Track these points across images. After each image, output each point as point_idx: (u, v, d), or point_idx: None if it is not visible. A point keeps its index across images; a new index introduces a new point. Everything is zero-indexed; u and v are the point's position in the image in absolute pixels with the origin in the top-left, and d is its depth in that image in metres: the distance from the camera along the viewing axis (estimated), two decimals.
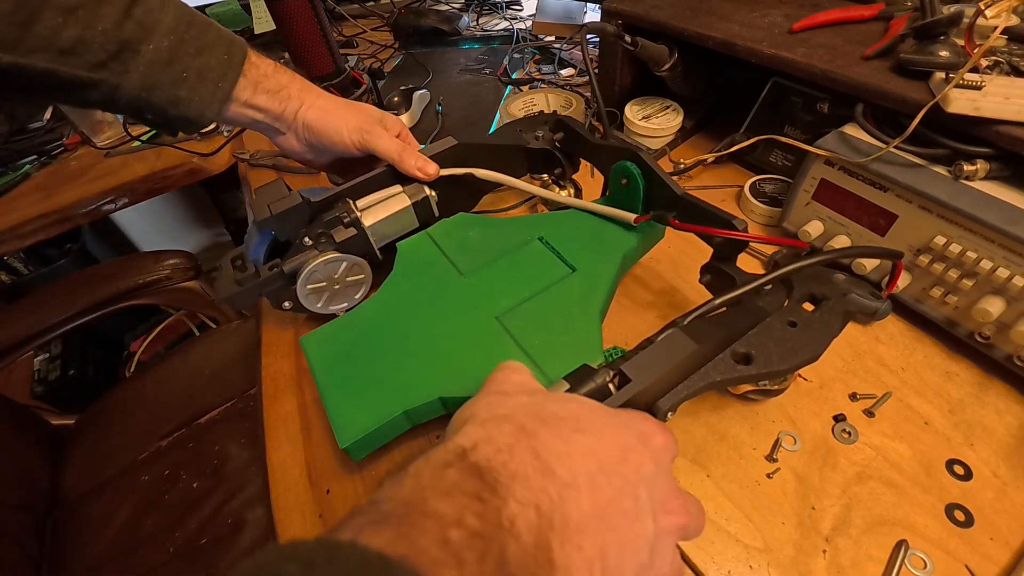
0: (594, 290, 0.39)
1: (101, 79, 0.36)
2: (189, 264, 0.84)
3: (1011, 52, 0.38)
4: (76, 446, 0.78)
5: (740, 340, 0.29)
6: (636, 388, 0.25)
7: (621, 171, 0.42)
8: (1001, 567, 0.29)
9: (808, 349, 0.28)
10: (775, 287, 0.32)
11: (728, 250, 0.36)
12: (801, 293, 0.32)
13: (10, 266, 1.28)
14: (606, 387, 0.26)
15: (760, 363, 0.28)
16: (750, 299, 0.32)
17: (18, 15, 0.32)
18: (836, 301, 0.31)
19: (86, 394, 1.16)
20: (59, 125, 1.02)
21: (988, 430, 0.35)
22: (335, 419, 0.34)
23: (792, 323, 0.29)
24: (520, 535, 0.15)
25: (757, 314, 0.31)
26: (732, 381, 0.28)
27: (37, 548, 0.65)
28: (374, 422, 0.34)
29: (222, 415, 0.78)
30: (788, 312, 0.30)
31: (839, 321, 0.30)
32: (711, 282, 0.38)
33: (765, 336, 0.29)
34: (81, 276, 0.83)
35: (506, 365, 0.25)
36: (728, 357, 0.28)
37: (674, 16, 0.52)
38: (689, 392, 0.26)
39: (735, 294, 0.30)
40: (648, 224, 0.42)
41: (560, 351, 0.36)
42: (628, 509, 0.18)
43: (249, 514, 0.66)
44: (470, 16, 1.10)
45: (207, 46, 0.39)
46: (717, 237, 0.35)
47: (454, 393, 0.34)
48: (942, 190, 0.36)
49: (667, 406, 0.26)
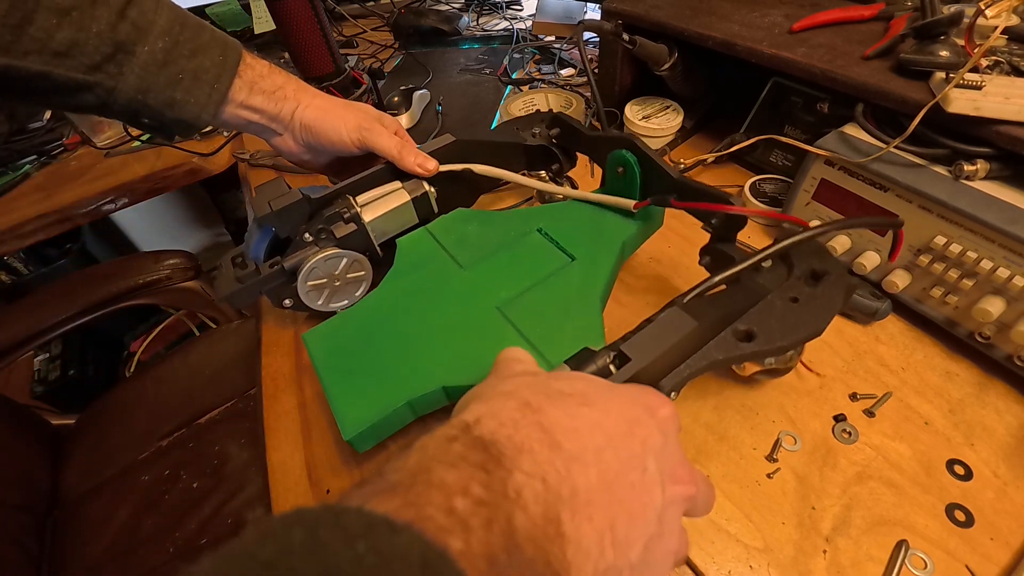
0: (594, 278, 0.39)
1: (96, 81, 0.36)
2: (189, 264, 0.84)
3: (1011, 52, 0.38)
4: (76, 446, 0.79)
5: (741, 318, 0.28)
6: (636, 367, 0.24)
7: (617, 160, 0.42)
8: (1001, 567, 0.29)
9: (810, 324, 0.28)
10: (775, 264, 0.32)
11: (726, 230, 0.36)
12: (802, 269, 0.31)
13: (10, 266, 1.28)
14: (607, 368, 0.25)
15: (762, 340, 0.27)
16: (750, 277, 0.31)
17: (11, 17, 0.31)
18: (837, 276, 0.30)
19: (86, 394, 1.16)
20: (59, 125, 1.02)
21: (988, 430, 0.35)
22: (338, 412, 0.34)
23: (794, 299, 0.29)
24: (527, 506, 0.15)
25: (758, 292, 0.30)
26: (734, 359, 0.27)
27: (37, 548, 0.65)
28: (377, 413, 0.34)
29: (222, 415, 0.78)
30: (789, 288, 0.30)
31: (841, 295, 0.29)
32: (710, 264, 0.38)
33: (767, 313, 0.28)
34: (81, 276, 0.83)
35: (509, 352, 0.25)
36: (729, 335, 0.27)
37: (674, 16, 0.52)
38: (692, 371, 0.26)
39: (734, 270, 0.29)
40: (646, 210, 0.42)
41: (562, 338, 0.36)
42: (636, 481, 0.18)
43: (249, 514, 0.66)
44: (470, 16, 1.10)
45: (202, 47, 0.39)
46: (715, 219, 0.35)
47: (457, 383, 0.35)
48: (942, 190, 0.36)
49: (670, 386, 0.26)
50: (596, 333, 0.36)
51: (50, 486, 0.73)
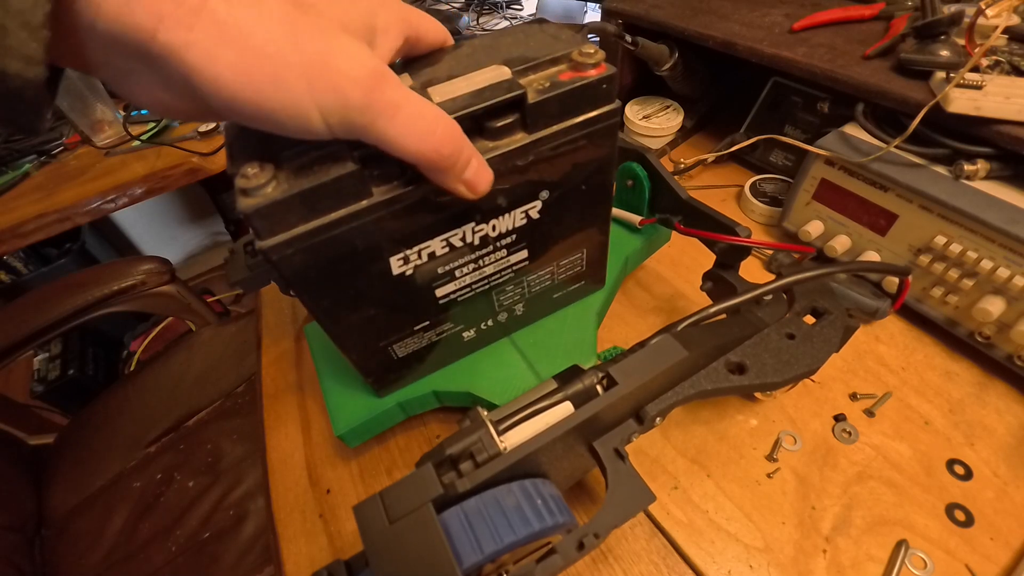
0: (594, 292, 0.39)
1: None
2: (163, 268, 0.83)
3: (1012, 52, 0.38)
4: (59, 463, 0.78)
5: (735, 350, 0.28)
6: (622, 391, 0.24)
7: (627, 172, 0.41)
8: (1001, 567, 0.29)
9: (804, 362, 0.28)
10: (776, 298, 0.32)
11: (730, 257, 0.35)
12: (802, 305, 0.31)
13: (10, 266, 1.28)
14: (593, 388, 0.25)
15: (753, 374, 0.27)
16: (749, 309, 0.31)
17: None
18: (838, 316, 0.30)
19: (86, 393, 1.16)
20: (59, 125, 1.02)
21: (988, 430, 0.35)
22: (332, 407, 0.35)
23: (790, 335, 0.29)
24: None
25: (755, 324, 0.30)
26: (724, 391, 0.27)
27: (30, 567, 0.65)
28: (369, 412, 0.34)
29: (210, 415, 0.78)
30: (787, 324, 0.29)
31: (839, 337, 0.29)
32: (712, 289, 0.37)
33: (761, 347, 0.28)
34: (54, 287, 0.81)
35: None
36: (721, 366, 0.27)
37: (674, 16, 0.52)
38: (678, 399, 0.26)
39: (732, 302, 0.29)
40: (652, 227, 0.41)
41: (554, 352, 0.36)
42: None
43: (251, 504, 0.67)
44: (470, 16, 1.10)
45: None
46: (720, 243, 0.35)
47: (447, 388, 0.35)
48: (942, 190, 0.36)
49: (655, 411, 0.26)
50: (588, 348, 0.36)
51: (35, 506, 0.72)
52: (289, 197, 0.20)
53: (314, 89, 0.18)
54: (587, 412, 0.24)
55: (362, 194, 0.22)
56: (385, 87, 0.19)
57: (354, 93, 0.18)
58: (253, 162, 0.20)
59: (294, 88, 0.18)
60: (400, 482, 0.22)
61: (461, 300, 0.31)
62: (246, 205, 0.20)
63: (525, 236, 0.30)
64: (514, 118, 0.24)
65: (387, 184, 0.23)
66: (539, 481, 0.24)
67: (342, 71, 0.18)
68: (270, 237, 0.22)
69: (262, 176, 0.20)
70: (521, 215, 0.28)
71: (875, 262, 0.41)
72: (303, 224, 0.22)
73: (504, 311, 0.35)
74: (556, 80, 0.24)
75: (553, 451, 0.24)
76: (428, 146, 0.20)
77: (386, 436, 0.39)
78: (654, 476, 0.34)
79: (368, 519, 0.21)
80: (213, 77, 0.17)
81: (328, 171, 0.21)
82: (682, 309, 0.45)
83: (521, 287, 0.34)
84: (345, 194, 0.22)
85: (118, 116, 0.96)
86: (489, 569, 0.22)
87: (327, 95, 0.18)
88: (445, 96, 0.23)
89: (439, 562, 0.19)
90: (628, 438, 0.26)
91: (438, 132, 0.20)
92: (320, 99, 0.18)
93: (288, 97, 0.18)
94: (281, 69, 0.17)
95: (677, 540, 0.31)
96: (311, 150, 0.21)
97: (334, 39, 0.18)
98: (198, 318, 0.91)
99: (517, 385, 0.34)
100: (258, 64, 0.17)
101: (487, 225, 0.28)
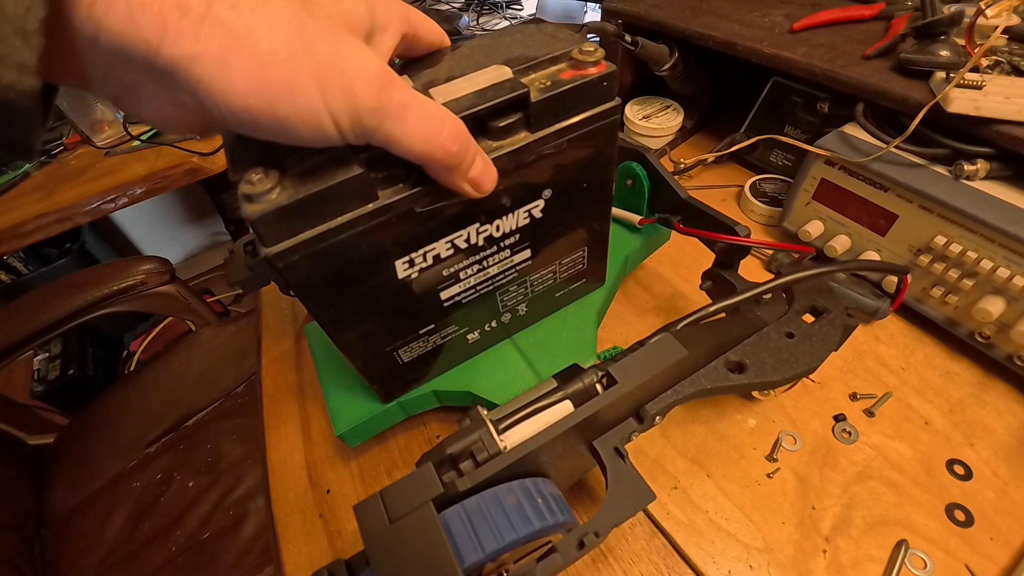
0: (594, 291, 0.39)
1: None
2: (163, 268, 0.83)
3: (1012, 52, 0.38)
4: (59, 463, 0.78)
5: (734, 348, 0.28)
6: (622, 390, 0.24)
7: (627, 172, 0.41)
8: (1001, 567, 0.29)
9: (803, 361, 0.28)
10: (775, 297, 0.32)
11: (730, 257, 0.36)
12: (802, 304, 0.31)
13: (10, 266, 1.28)
14: (593, 387, 0.26)
15: (753, 372, 0.27)
16: (748, 308, 0.31)
17: None
18: (837, 315, 0.30)
19: (86, 393, 1.16)
20: (59, 124, 1.02)
21: (988, 430, 0.35)
22: (332, 407, 0.35)
23: (790, 334, 0.29)
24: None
25: (755, 324, 0.30)
26: (723, 390, 0.27)
27: (29, 567, 0.65)
28: (369, 411, 0.34)
29: (210, 416, 0.78)
30: (786, 323, 0.30)
31: (838, 335, 0.29)
32: (712, 288, 0.37)
33: (760, 346, 0.28)
34: (54, 287, 0.81)
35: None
36: (721, 365, 0.27)
37: (674, 16, 0.52)
38: (678, 398, 0.26)
39: (732, 301, 0.29)
40: (652, 227, 0.41)
41: (554, 351, 0.36)
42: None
43: (251, 504, 0.67)
44: (470, 16, 1.10)
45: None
46: (719, 243, 0.35)
47: (447, 387, 0.35)
48: (942, 190, 0.36)
49: (655, 410, 0.26)
50: (588, 348, 0.36)
51: (34, 506, 0.72)
52: (295, 203, 0.20)
53: (325, 93, 0.17)
54: (587, 411, 0.24)
55: (368, 197, 0.22)
56: (393, 88, 0.19)
57: (365, 95, 0.18)
58: (257, 168, 0.20)
59: (308, 94, 0.17)
60: (400, 481, 0.22)
61: (466, 302, 0.31)
62: (251, 211, 0.20)
63: (528, 235, 0.30)
64: (517, 117, 0.24)
65: (393, 187, 0.23)
66: (539, 480, 0.24)
67: (352, 73, 0.18)
68: (275, 243, 0.21)
69: (267, 182, 0.20)
70: (524, 214, 0.28)
71: (873, 261, 0.41)
72: (309, 229, 0.22)
73: (508, 311, 0.35)
74: (557, 79, 0.24)
75: (553, 450, 0.24)
76: (436, 145, 0.20)
77: (386, 436, 0.39)
78: (654, 476, 0.34)
79: (369, 518, 0.21)
80: (223, 89, 0.16)
81: (334, 175, 0.21)
82: (682, 308, 0.45)
83: (524, 287, 0.34)
84: (351, 198, 0.22)
85: (118, 116, 0.96)
86: (490, 568, 0.22)
87: (338, 99, 0.18)
88: (448, 97, 0.23)
89: (440, 561, 0.19)
90: (628, 437, 0.26)
91: (445, 131, 0.20)
92: (332, 103, 0.18)
93: (304, 104, 0.17)
94: (295, 75, 0.17)
95: (677, 540, 0.31)
96: (315, 154, 0.21)
97: (343, 41, 0.18)
98: (198, 318, 0.91)
99: (517, 384, 0.35)
100: (271, 71, 0.17)
101: (491, 226, 0.28)
